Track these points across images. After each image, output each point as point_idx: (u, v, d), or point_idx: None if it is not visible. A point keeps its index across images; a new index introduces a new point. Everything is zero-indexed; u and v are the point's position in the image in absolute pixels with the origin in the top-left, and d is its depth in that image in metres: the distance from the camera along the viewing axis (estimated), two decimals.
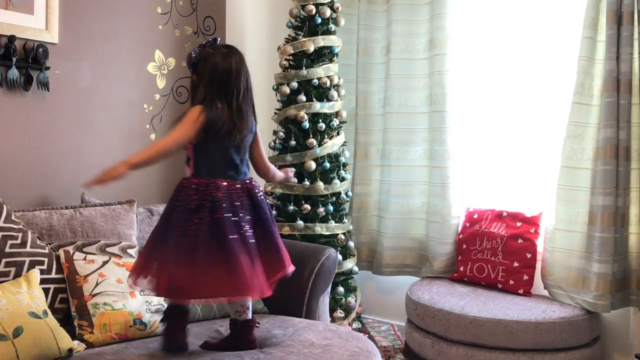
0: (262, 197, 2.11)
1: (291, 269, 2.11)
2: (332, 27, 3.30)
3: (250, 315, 2.15)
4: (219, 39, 2.19)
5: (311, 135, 3.19)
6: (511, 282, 3.06)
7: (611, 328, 2.98)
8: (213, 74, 2.02)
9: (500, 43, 3.34)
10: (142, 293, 2.29)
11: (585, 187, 2.85)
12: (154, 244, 2.03)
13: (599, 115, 2.80)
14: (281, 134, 3.24)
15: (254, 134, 2.14)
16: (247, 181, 2.09)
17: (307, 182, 3.17)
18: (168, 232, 1.99)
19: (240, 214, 2.00)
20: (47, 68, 2.63)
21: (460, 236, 3.33)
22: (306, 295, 2.59)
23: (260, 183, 2.21)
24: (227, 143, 2.03)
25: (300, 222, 3.14)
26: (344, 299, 3.29)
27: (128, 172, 1.89)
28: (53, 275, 2.25)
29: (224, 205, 1.97)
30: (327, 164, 3.19)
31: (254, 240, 2.02)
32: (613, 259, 2.74)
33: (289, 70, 3.26)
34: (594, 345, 2.83)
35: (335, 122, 3.30)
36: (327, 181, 3.21)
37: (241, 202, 2.03)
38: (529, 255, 3.05)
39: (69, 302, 2.23)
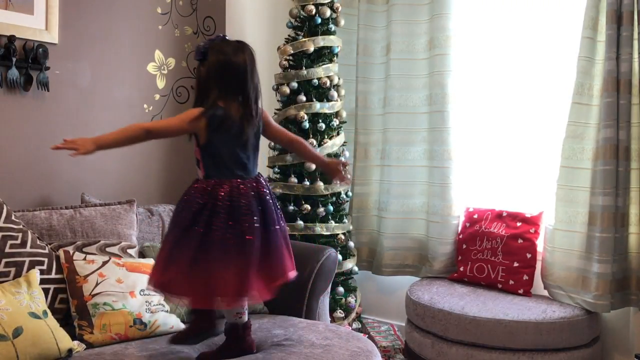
0: (269, 196, 2.03)
1: (292, 274, 2.03)
2: (332, 27, 3.30)
3: (246, 318, 2.13)
4: (227, 35, 2.11)
5: (311, 136, 3.19)
6: (511, 282, 3.06)
7: (611, 328, 2.98)
8: (224, 69, 1.96)
9: (500, 43, 3.34)
10: (142, 293, 2.29)
11: (585, 187, 2.85)
12: (163, 245, 2.04)
13: (599, 115, 2.80)
14: None
15: (261, 127, 2.08)
16: (255, 180, 2.03)
17: (307, 182, 3.17)
18: (172, 233, 2.01)
19: (244, 216, 1.94)
20: (47, 68, 2.63)
21: (460, 236, 3.33)
22: (306, 295, 2.59)
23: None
24: (234, 142, 1.98)
25: (300, 222, 3.14)
26: (344, 299, 3.29)
27: (94, 151, 1.87)
28: (53, 275, 2.25)
29: (223, 207, 1.93)
30: None
31: (255, 242, 1.93)
32: (613, 259, 2.74)
33: (289, 70, 3.25)
34: (594, 345, 2.83)
35: (335, 122, 3.30)
36: (327, 181, 3.21)
37: (247, 203, 1.96)
38: (528, 255, 3.05)
39: (68, 302, 2.23)
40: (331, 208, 3.22)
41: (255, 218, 1.95)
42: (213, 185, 1.96)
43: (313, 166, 3.14)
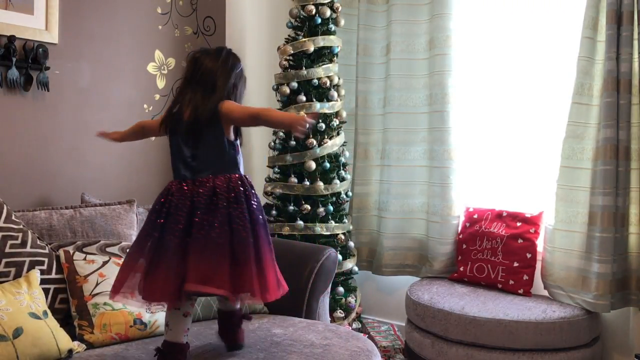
0: (201, 199, 1.90)
1: (201, 287, 1.83)
2: (332, 27, 3.30)
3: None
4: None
5: (311, 136, 3.19)
6: (511, 282, 3.06)
7: (611, 328, 2.98)
8: (185, 74, 2.09)
9: (500, 43, 3.34)
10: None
11: (585, 187, 2.85)
12: None
13: (599, 115, 2.80)
14: (281, 134, 3.24)
15: (220, 122, 1.96)
16: (200, 180, 1.94)
17: (307, 182, 3.17)
18: None
19: (172, 215, 1.90)
20: (47, 68, 2.63)
21: (460, 236, 3.33)
22: (306, 295, 2.59)
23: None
24: (183, 142, 2.00)
25: (300, 222, 3.14)
26: (344, 299, 3.29)
27: (120, 140, 2.27)
28: (53, 275, 2.25)
29: (157, 206, 1.95)
30: (327, 164, 3.19)
31: (171, 242, 1.87)
32: (613, 259, 2.74)
33: (289, 70, 3.25)
34: (593, 345, 2.83)
35: (335, 122, 3.30)
36: (327, 181, 3.21)
37: (176, 203, 1.91)
38: (528, 255, 3.05)
39: (69, 303, 2.23)
40: (331, 208, 3.22)
41: (177, 217, 1.89)
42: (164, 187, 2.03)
43: (313, 166, 3.14)
